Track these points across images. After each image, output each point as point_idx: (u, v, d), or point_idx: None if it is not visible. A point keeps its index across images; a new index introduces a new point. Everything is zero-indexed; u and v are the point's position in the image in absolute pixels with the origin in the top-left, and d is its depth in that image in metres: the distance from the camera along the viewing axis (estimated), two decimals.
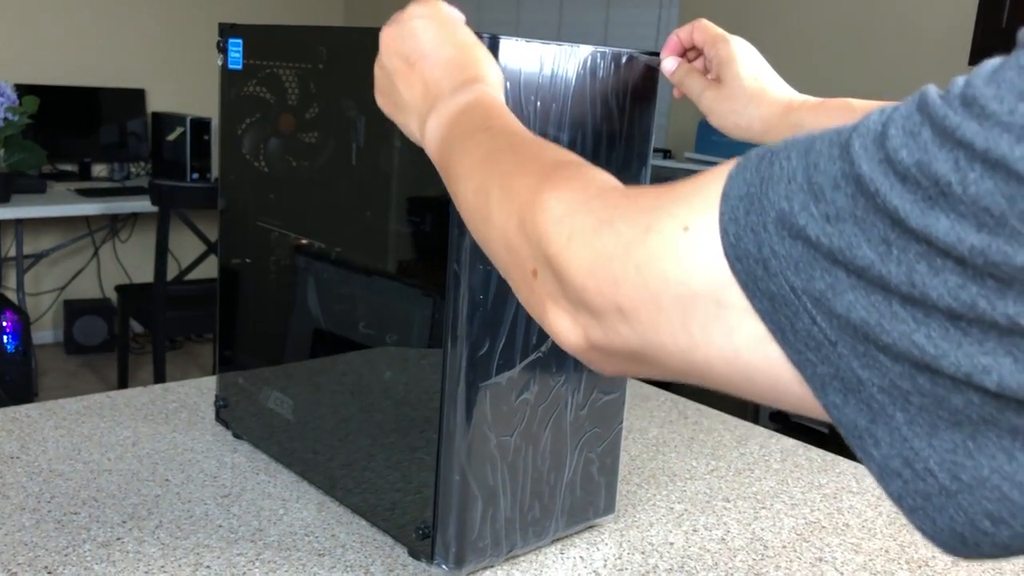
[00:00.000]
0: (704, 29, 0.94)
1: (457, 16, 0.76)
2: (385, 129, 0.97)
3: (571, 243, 0.48)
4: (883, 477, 0.38)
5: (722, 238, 0.41)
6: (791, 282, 0.38)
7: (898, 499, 0.38)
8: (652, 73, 0.98)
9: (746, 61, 0.91)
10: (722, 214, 0.41)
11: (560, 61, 0.90)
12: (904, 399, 0.37)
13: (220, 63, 1.17)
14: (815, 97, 0.90)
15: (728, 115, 0.91)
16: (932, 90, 0.37)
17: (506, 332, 0.92)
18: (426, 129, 0.70)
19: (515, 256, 0.54)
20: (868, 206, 0.36)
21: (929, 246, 0.34)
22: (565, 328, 0.50)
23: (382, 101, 0.77)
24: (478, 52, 0.73)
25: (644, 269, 0.44)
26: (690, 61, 0.96)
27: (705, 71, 0.95)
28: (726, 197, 0.41)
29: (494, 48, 0.84)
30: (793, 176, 0.39)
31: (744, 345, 0.41)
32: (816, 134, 0.40)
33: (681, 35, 0.96)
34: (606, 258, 0.46)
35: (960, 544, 0.38)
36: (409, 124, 0.74)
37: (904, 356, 0.36)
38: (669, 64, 0.96)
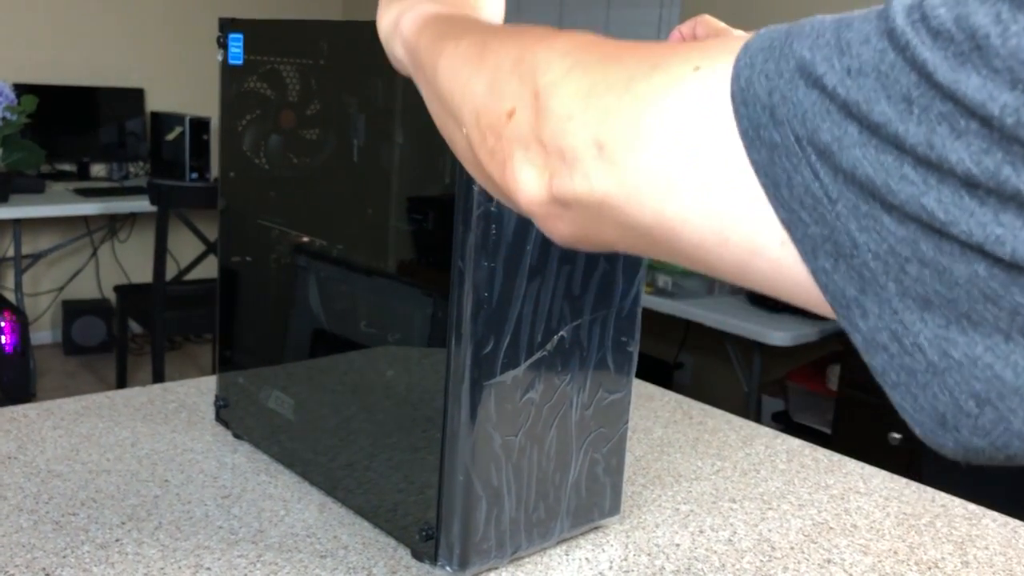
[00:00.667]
0: (707, 24, 0.91)
1: None
2: (387, 125, 0.96)
3: (570, 73, 0.46)
4: (868, 350, 0.37)
5: (732, 82, 0.39)
6: (796, 131, 0.37)
7: (881, 373, 0.37)
8: None
9: None
10: (738, 60, 0.39)
11: None
12: (900, 268, 0.35)
13: (220, 59, 1.15)
14: None
15: None
16: None
17: (511, 330, 0.90)
18: (402, 22, 0.66)
19: (491, 99, 0.51)
20: (895, 61, 0.34)
21: (955, 104, 0.33)
22: (528, 176, 0.48)
23: (380, 19, 0.73)
24: None
25: (640, 102, 0.42)
26: None
27: None
28: (747, 47, 0.40)
29: None
30: (822, 33, 0.37)
31: (728, 197, 0.39)
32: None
33: (683, 31, 0.93)
34: (604, 88, 0.44)
35: (939, 426, 0.36)
36: (389, 27, 0.69)
37: (910, 218, 0.34)
38: None
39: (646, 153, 0.42)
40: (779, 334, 2.87)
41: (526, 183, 0.48)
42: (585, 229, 0.47)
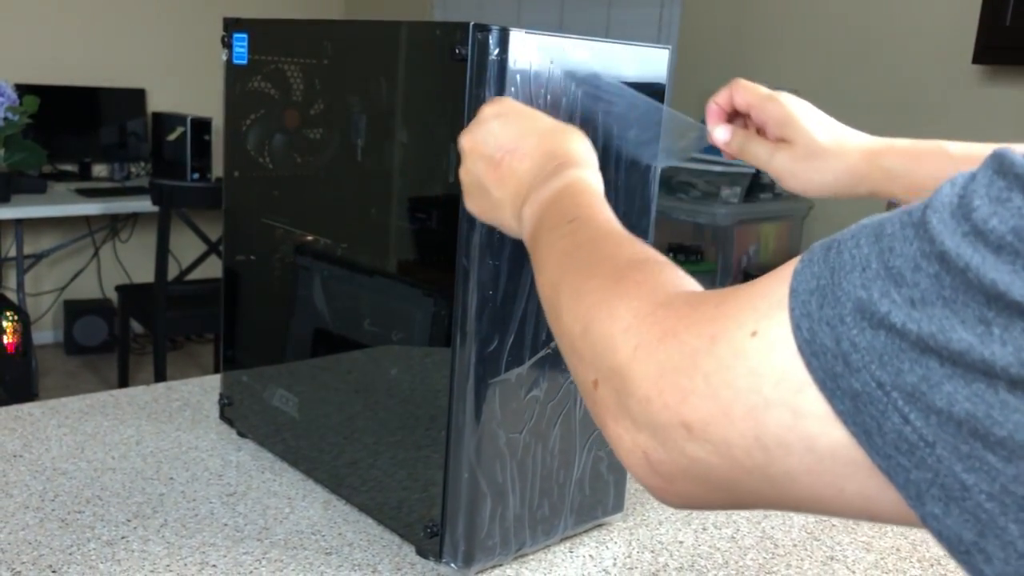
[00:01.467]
0: (745, 90, 0.88)
1: (530, 109, 0.76)
2: (390, 125, 0.96)
3: (636, 353, 0.45)
4: None
5: (795, 335, 0.38)
6: (877, 377, 0.35)
7: None
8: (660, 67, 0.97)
9: (808, 115, 0.86)
10: (792, 310, 0.38)
11: (574, 56, 0.89)
12: (1019, 507, 0.32)
13: (224, 58, 1.16)
14: (895, 138, 0.86)
15: (811, 174, 0.86)
16: (1010, 152, 0.34)
17: (515, 328, 0.91)
18: (522, 220, 0.68)
19: (579, 362, 0.51)
20: (957, 284, 0.33)
21: None
22: (626, 449, 0.46)
23: (474, 207, 0.77)
24: (564, 136, 0.72)
25: (712, 379, 0.41)
26: (737, 124, 0.92)
27: (756, 131, 0.90)
28: (795, 293, 0.38)
29: (504, 40, 0.83)
30: (867, 264, 0.36)
31: (828, 453, 0.37)
32: (882, 216, 0.37)
33: (719, 101, 0.90)
34: (672, 369, 0.43)
35: None
36: (506, 221, 0.72)
37: (1020, 454, 0.32)
38: (721, 134, 0.90)
39: (733, 427, 0.40)
40: None
41: (627, 454, 0.46)
42: (693, 497, 0.46)
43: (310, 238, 1.08)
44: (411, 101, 0.94)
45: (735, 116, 0.91)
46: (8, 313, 3.39)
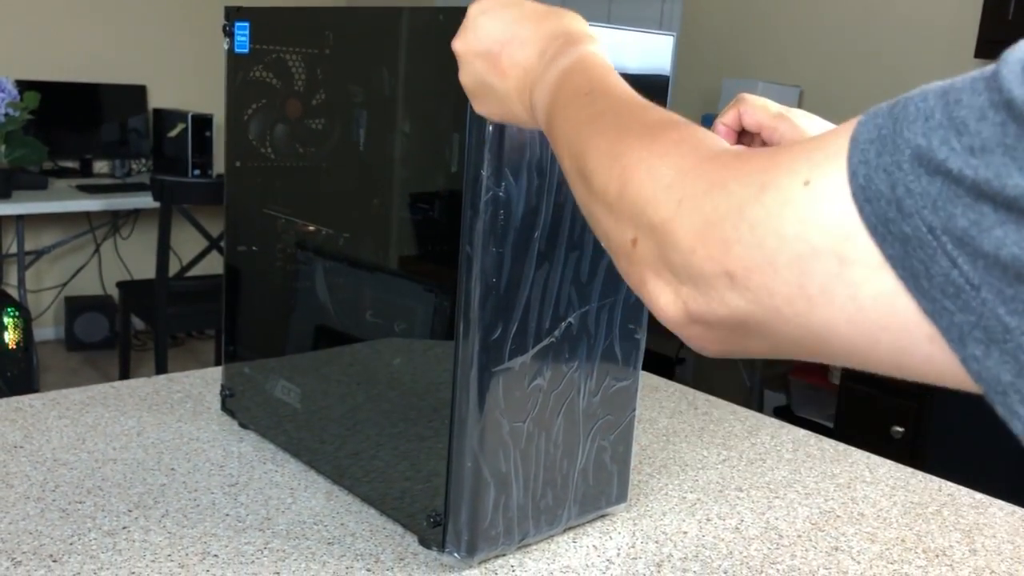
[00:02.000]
0: (754, 109, 0.83)
1: None
2: (393, 114, 0.96)
3: (680, 208, 0.45)
4: None
5: (850, 181, 0.38)
6: (928, 221, 0.36)
7: None
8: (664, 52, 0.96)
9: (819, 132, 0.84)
10: (850, 157, 0.39)
11: None
12: None
13: (226, 47, 1.15)
14: None
15: None
16: None
17: (519, 317, 0.90)
18: (534, 106, 0.67)
19: (615, 223, 0.51)
20: (1021, 132, 0.33)
21: None
22: (665, 301, 0.47)
23: (482, 108, 0.76)
24: (559, 15, 0.71)
25: (759, 228, 0.41)
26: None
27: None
28: (855, 141, 0.39)
29: None
30: (931, 114, 0.36)
31: (870, 301, 0.38)
32: (951, 79, 0.38)
33: (727, 122, 0.85)
34: (717, 219, 0.43)
35: None
36: (517, 112, 0.71)
37: None
38: None
39: (777, 276, 0.41)
40: None
41: (665, 307, 0.47)
42: (731, 344, 0.47)
43: (312, 228, 1.08)
44: (413, 89, 0.94)
45: (743, 134, 0.87)
46: (9, 309, 3.38)
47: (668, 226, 0.46)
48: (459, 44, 0.74)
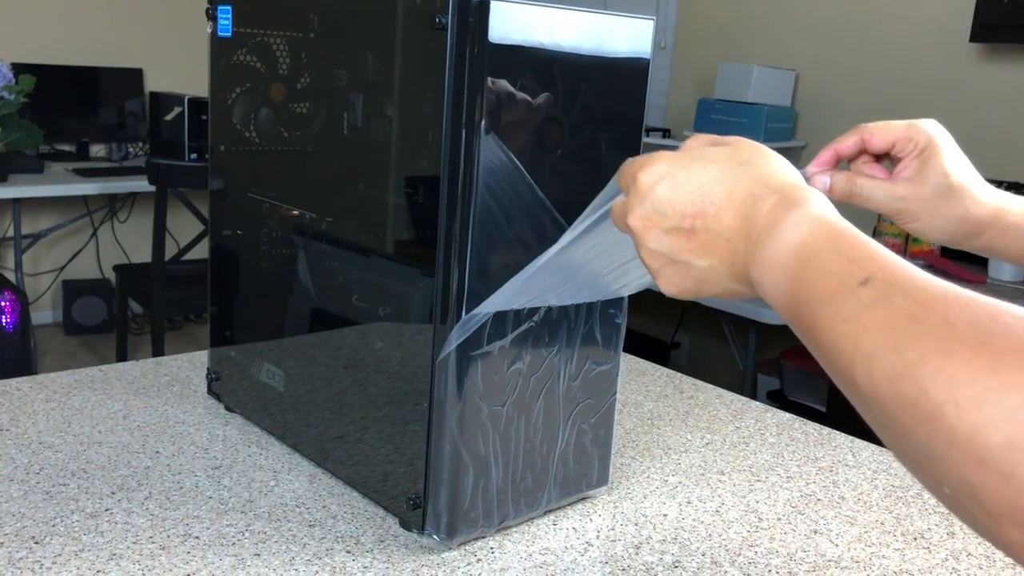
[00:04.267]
0: (882, 131, 0.78)
1: (689, 146, 0.66)
2: (377, 99, 0.96)
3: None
4: None
5: None
6: None
7: None
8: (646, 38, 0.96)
9: (949, 148, 0.78)
10: None
11: (555, 26, 0.88)
12: None
13: (209, 31, 1.15)
14: (1019, 196, 0.80)
15: (935, 217, 0.78)
16: None
17: None
18: (757, 284, 0.58)
19: (962, 462, 0.42)
20: None
21: None
22: (1020, 539, 0.41)
23: (671, 286, 0.65)
24: (742, 165, 0.61)
25: None
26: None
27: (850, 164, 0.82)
28: None
29: (484, 10, 0.83)
30: None
31: None
32: None
33: (843, 150, 0.80)
34: None
35: None
36: (726, 287, 0.62)
37: None
38: (823, 180, 0.80)
39: None
40: (774, 312, 2.86)
41: (1019, 544, 0.41)
42: None
43: (296, 212, 1.08)
44: (394, 73, 0.94)
45: (837, 163, 0.83)
46: (6, 293, 3.39)
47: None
48: (637, 221, 0.63)
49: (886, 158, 0.81)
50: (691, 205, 0.61)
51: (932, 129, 0.78)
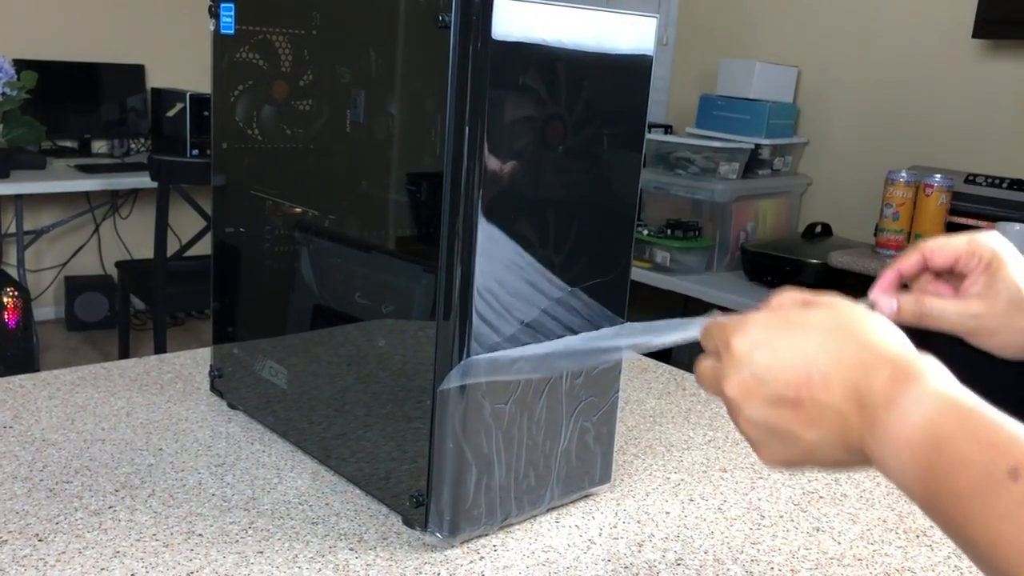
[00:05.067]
0: (943, 247, 0.76)
1: (780, 305, 0.63)
2: (379, 96, 0.96)
3: None
4: None
5: None
6: None
7: None
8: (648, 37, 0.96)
9: (1015, 258, 0.75)
10: None
11: (558, 24, 0.88)
12: None
13: (212, 28, 1.15)
14: None
15: (1012, 332, 0.74)
16: None
17: None
18: (879, 462, 0.55)
19: None
20: None
21: None
22: None
23: (774, 458, 0.60)
24: (847, 332, 0.58)
25: None
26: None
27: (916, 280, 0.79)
28: None
29: (487, 7, 0.83)
30: None
31: None
32: None
33: (905, 270, 0.78)
34: None
35: None
36: (838, 459, 0.58)
37: None
38: (889, 304, 0.76)
39: None
40: None
41: None
42: None
43: (298, 210, 1.08)
44: (397, 71, 0.94)
45: (901, 284, 0.80)
46: (9, 289, 3.40)
47: None
48: (733, 389, 0.60)
49: (949, 274, 0.78)
50: (795, 374, 0.57)
51: (995, 242, 0.76)
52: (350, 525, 0.96)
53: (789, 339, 0.58)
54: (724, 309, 3.20)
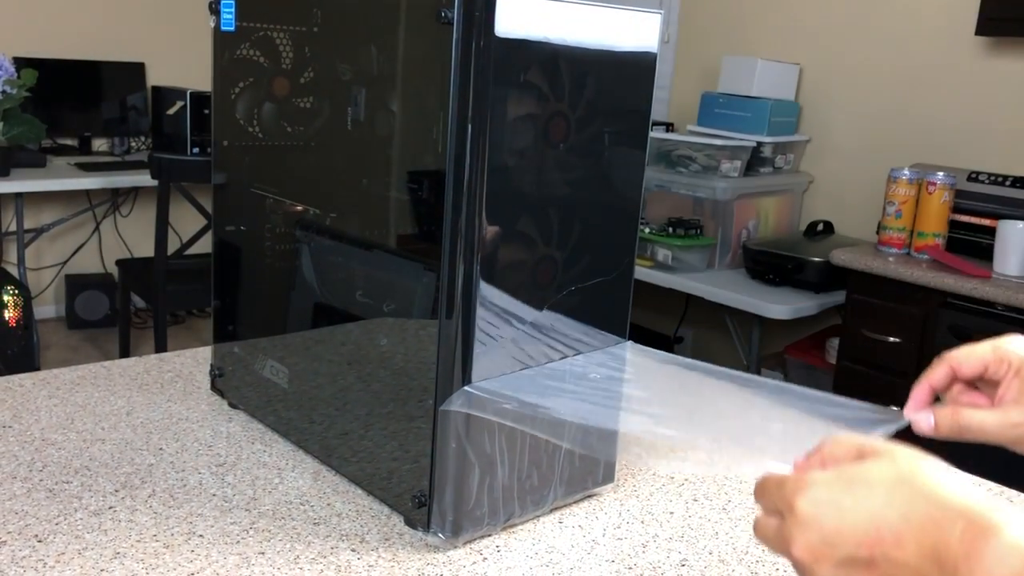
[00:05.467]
0: (969, 356, 0.76)
1: (835, 456, 0.62)
2: (381, 93, 0.95)
3: None
4: None
5: None
6: None
7: None
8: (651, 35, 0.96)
9: None
10: None
11: (562, 20, 0.87)
12: None
13: (212, 25, 1.15)
14: None
15: None
16: None
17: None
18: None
19: None
20: None
21: None
22: None
23: None
24: (911, 485, 0.57)
25: None
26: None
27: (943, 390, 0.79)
28: None
29: (491, 3, 0.82)
30: None
31: None
32: None
33: (935, 382, 0.77)
34: None
35: None
36: None
37: None
38: (926, 420, 0.77)
39: None
40: (778, 307, 2.86)
41: None
42: None
43: (299, 208, 1.08)
44: (399, 67, 0.93)
45: (933, 398, 0.80)
46: (9, 287, 3.39)
47: None
48: (803, 552, 0.58)
49: (981, 381, 0.77)
50: (865, 534, 0.56)
51: (1021, 346, 0.75)
52: (352, 526, 0.95)
53: (854, 498, 0.57)
54: (725, 308, 3.17)
